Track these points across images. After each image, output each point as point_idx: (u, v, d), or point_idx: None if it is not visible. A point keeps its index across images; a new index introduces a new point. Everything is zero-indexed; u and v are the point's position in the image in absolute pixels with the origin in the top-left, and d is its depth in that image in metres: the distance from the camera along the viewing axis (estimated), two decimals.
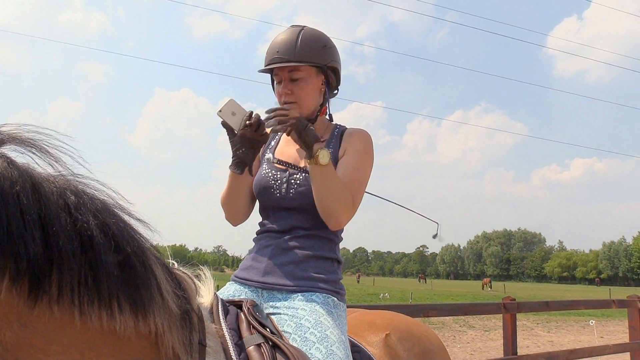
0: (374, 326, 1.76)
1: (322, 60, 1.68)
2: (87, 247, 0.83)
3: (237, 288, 1.62)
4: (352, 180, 1.63)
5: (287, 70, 1.67)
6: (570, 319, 16.34)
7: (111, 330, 0.87)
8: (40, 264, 0.77)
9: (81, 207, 0.86)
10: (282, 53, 1.65)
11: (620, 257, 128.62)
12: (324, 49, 1.69)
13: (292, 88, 1.67)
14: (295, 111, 1.56)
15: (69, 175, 0.90)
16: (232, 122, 1.55)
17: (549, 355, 5.35)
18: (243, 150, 1.59)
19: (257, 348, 1.18)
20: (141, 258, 0.93)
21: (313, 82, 1.70)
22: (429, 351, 1.78)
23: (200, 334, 1.08)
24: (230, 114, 1.54)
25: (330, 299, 1.54)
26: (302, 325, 1.41)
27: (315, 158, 1.52)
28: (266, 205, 1.71)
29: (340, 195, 1.56)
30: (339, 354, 1.35)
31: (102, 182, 0.94)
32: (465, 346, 10.50)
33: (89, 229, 0.84)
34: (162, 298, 0.95)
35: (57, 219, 0.81)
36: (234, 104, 1.55)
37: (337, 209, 1.57)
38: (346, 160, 1.67)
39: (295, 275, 1.56)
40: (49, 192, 0.82)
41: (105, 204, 0.92)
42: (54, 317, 0.80)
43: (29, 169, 0.83)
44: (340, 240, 1.73)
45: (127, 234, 0.92)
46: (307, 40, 1.67)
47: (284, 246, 1.62)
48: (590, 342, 10.74)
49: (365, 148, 1.71)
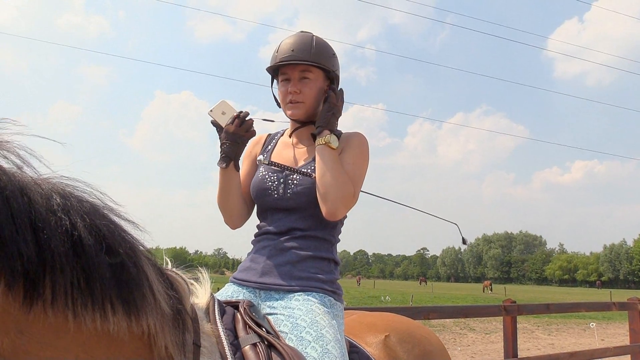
0: (373, 327, 1.76)
1: (332, 66, 1.73)
2: (79, 250, 0.83)
3: (235, 289, 1.63)
4: (351, 175, 1.64)
5: (299, 69, 1.69)
6: (571, 321, 16.32)
7: (105, 331, 0.87)
8: (34, 267, 0.76)
9: (70, 209, 0.85)
10: (298, 52, 1.68)
11: (621, 259, 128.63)
12: (333, 57, 1.76)
13: (301, 87, 1.69)
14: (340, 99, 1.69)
15: (55, 178, 0.89)
16: (221, 121, 1.63)
17: (549, 358, 5.35)
18: (227, 144, 1.64)
19: (252, 347, 1.19)
20: (133, 259, 0.93)
21: (320, 85, 1.73)
22: (429, 353, 1.77)
23: (195, 334, 1.08)
24: (220, 113, 1.62)
25: (327, 299, 1.54)
26: (298, 325, 1.41)
27: (327, 140, 1.61)
28: (264, 207, 1.71)
29: (343, 183, 1.58)
30: (334, 353, 1.35)
31: (89, 184, 0.94)
32: (465, 349, 10.48)
33: (79, 231, 0.84)
34: (155, 299, 0.95)
35: (47, 222, 0.80)
36: (226, 105, 1.62)
37: (337, 197, 1.57)
38: (343, 157, 1.68)
39: (293, 275, 1.56)
40: (38, 195, 0.82)
41: (94, 206, 0.92)
42: (48, 321, 0.80)
43: (16, 173, 0.82)
44: (337, 241, 1.73)
45: (118, 235, 0.92)
46: (321, 45, 1.72)
47: (282, 247, 1.62)
48: (591, 344, 10.73)
49: (361, 148, 1.72)
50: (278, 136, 1.87)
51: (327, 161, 1.59)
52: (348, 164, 1.66)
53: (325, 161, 1.59)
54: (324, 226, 1.65)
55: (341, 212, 1.60)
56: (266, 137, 1.89)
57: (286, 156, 1.76)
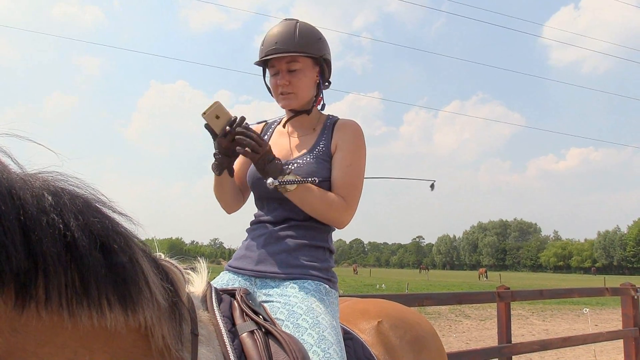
0: (366, 314, 1.78)
1: (318, 52, 1.72)
2: (72, 248, 0.81)
3: (231, 277, 1.65)
4: (346, 179, 1.66)
5: (286, 61, 1.69)
6: (564, 307, 16.47)
7: (102, 327, 0.86)
8: (24, 269, 0.75)
9: (61, 207, 0.83)
10: (281, 44, 1.67)
11: (615, 246, 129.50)
12: (320, 41, 1.73)
13: (290, 79, 1.70)
14: (267, 145, 1.57)
15: (45, 174, 0.87)
16: (214, 126, 1.56)
17: (543, 343, 5.39)
18: (219, 156, 1.62)
19: (250, 335, 1.20)
20: (128, 253, 0.92)
21: (309, 73, 1.73)
22: (421, 338, 1.80)
23: (192, 323, 1.08)
24: (214, 117, 1.55)
25: (322, 287, 1.56)
26: (294, 312, 1.43)
27: (282, 189, 1.58)
28: (260, 196, 1.74)
29: (325, 205, 1.61)
30: (330, 339, 1.37)
31: (80, 179, 0.91)
32: (460, 335, 10.57)
33: (72, 230, 0.82)
34: (150, 291, 0.94)
35: (38, 223, 0.78)
36: (220, 108, 1.56)
37: (329, 216, 1.63)
38: (338, 158, 1.69)
39: (288, 263, 1.58)
40: (27, 194, 0.79)
41: (86, 201, 0.89)
42: (43, 320, 0.79)
43: (3, 171, 0.80)
44: (332, 229, 1.74)
45: (112, 230, 0.90)
46: (305, 32, 1.70)
47: (277, 235, 1.64)
48: (585, 330, 10.85)
49: (356, 140, 1.72)
50: (274, 125, 1.88)
51: (298, 202, 1.61)
52: (344, 166, 1.67)
53: (298, 203, 1.61)
54: None
55: (345, 221, 1.69)
56: (263, 127, 1.90)
57: (282, 146, 1.77)
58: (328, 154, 1.70)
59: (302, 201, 1.60)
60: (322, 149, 1.70)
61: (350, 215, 1.67)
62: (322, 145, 1.71)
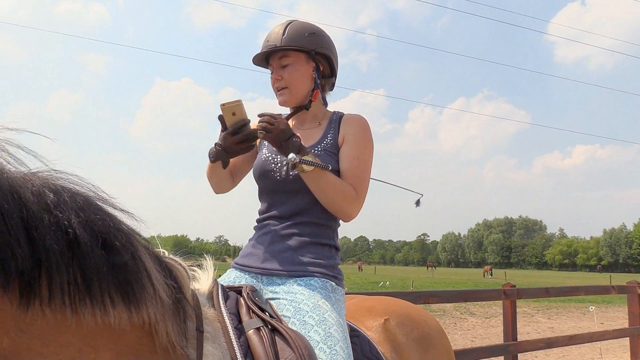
0: (373, 311, 1.78)
1: (309, 45, 1.72)
2: (74, 247, 0.82)
3: (238, 274, 1.65)
4: (354, 171, 1.65)
5: (278, 57, 1.73)
6: (570, 305, 16.42)
7: (106, 324, 0.87)
8: (28, 267, 0.75)
9: (62, 205, 0.83)
10: (271, 41, 1.72)
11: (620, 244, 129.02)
12: (311, 36, 1.73)
13: (282, 74, 1.73)
14: (283, 123, 1.58)
15: (45, 172, 0.87)
16: (227, 120, 1.59)
17: (548, 341, 5.38)
18: (219, 149, 1.64)
19: (256, 331, 1.20)
20: (130, 250, 0.92)
21: (302, 68, 1.73)
22: (427, 336, 1.80)
23: (198, 320, 1.08)
24: (231, 112, 1.58)
25: (329, 284, 1.56)
26: (300, 309, 1.43)
27: (300, 167, 1.56)
28: (266, 188, 1.73)
29: (337, 193, 1.60)
30: (336, 336, 1.37)
31: (80, 177, 0.91)
32: (465, 333, 10.57)
33: (74, 227, 0.82)
34: (154, 288, 0.94)
35: (40, 221, 0.79)
36: (239, 107, 1.58)
37: (340, 205, 1.62)
38: (346, 151, 1.69)
39: (294, 261, 1.58)
40: (28, 193, 0.80)
41: (87, 199, 0.89)
42: (47, 318, 0.79)
43: (3, 170, 0.80)
44: (338, 226, 1.74)
45: (114, 228, 0.90)
46: (294, 28, 1.73)
47: (283, 233, 1.63)
48: (590, 328, 10.80)
49: (363, 134, 1.72)
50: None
51: (309, 185, 1.61)
52: (353, 158, 1.67)
53: (308, 186, 1.61)
54: (325, 211, 1.66)
55: (353, 213, 1.67)
56: None
57: None
58: (335, 147, 1.70)
59: (317, 184, 1.59)
60: (330, 142, 1.70)
61: (358, 207, 1.67)
62: (330, 138, 1.71)
